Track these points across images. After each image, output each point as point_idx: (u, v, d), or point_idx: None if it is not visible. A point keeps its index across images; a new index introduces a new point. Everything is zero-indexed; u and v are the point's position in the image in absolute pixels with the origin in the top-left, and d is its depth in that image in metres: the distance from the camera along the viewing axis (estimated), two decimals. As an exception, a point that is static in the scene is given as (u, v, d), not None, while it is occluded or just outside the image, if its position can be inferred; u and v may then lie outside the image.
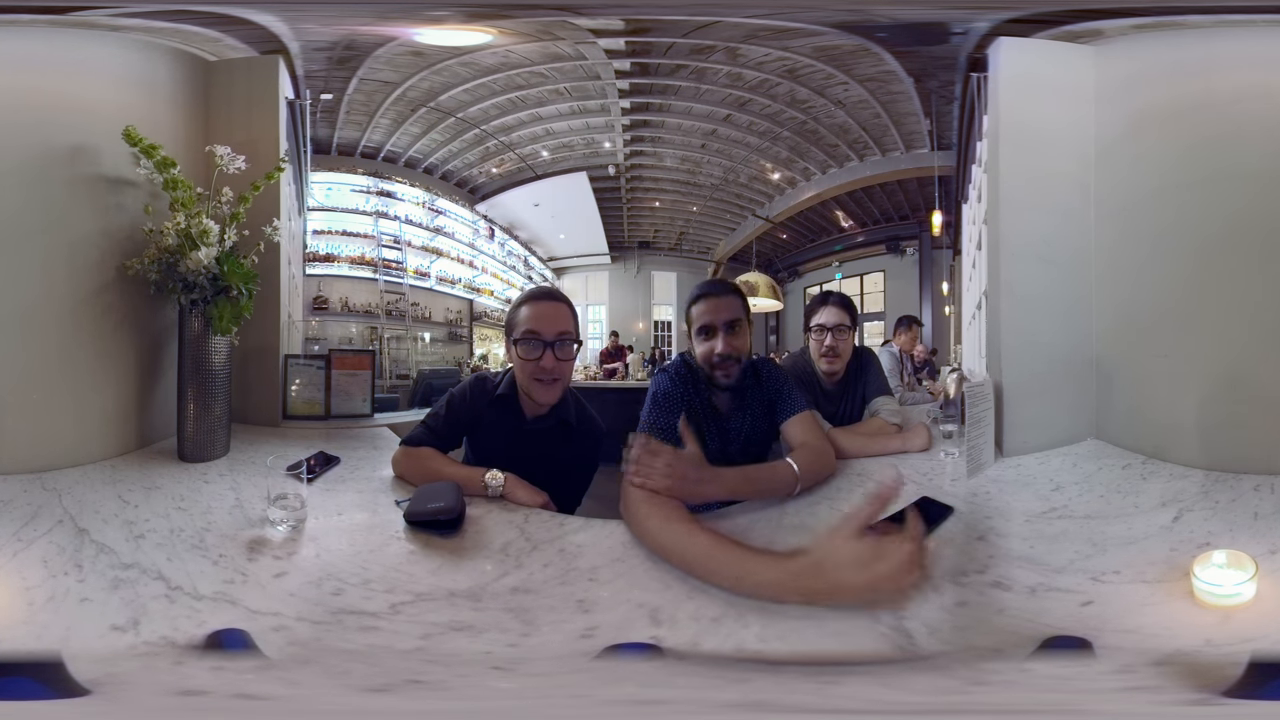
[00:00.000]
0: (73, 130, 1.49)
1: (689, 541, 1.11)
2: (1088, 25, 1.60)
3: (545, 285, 3.04)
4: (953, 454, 1.61)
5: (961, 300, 2.69)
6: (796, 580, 0.99)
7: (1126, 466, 1.47)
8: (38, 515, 1.24)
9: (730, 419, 1.63)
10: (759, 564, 1.03)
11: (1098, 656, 0.92)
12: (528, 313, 1.52)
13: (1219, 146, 1.41)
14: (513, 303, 1.61)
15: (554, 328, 1.49)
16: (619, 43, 2.30)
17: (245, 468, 1.56)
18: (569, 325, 1.52)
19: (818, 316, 1.88)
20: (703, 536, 1.11)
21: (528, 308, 1.53)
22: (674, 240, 3.44)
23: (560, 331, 1.49)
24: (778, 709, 0.87)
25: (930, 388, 2.52)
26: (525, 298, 1.57)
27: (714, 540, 1.10)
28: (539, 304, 1.53)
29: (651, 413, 1.52)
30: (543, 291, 1.62)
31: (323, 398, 1.96)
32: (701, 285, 1.65)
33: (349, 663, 0.92)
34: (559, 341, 1.49)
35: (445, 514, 1.25)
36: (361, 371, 2.00)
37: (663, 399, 1.52)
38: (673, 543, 1.12)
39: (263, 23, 1.76)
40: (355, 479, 1.53)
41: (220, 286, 1.59)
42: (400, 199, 2.97)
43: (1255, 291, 1.37)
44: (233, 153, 1.61)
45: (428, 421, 1.56)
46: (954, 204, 2.66)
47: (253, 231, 1.68)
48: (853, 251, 3.31)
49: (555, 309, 1.52)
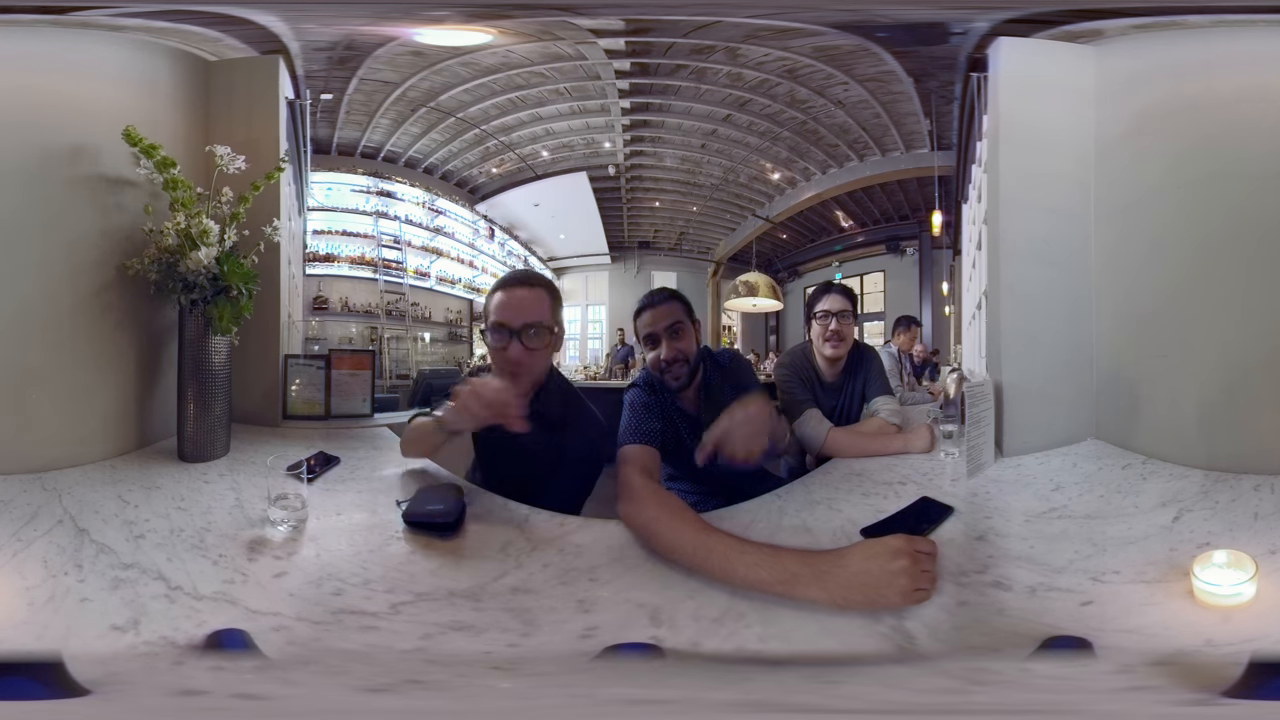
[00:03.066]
0: (73, 130, 1.49)
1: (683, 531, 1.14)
2: (1088, 25, 1.60)
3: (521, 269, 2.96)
4: (953, 454, 1.61)
5: (961, 300, 2.68)
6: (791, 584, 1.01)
7: (1126, 466, 1.47)
8: (38, 515, 1.24)
9: (701, 416, 1.68)
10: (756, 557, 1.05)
11: (1098, 656, 0.92)
12: (497, 300, 1.46)
13: (1219, 146, 1.41)
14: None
15: (521, 316, 1.42)
16: (619, 43, 2.30)
17: (245, 468, 1.56)
18: (540, 313, 1.44)
19: (821, 303, 1.90)
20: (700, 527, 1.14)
21: (498, 295, 1.47)
22: (674, 240, 3.44)
23: (528, 321, 1.42)
24: (778, 709, 0.87)
25: (930, 388, 2.52)
26: (496, 285, 1.51)
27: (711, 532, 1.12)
28: (509, 290, 1.47)
29: (631, 419, 1.54)
30: (515, 277, 1.54)
31: (323, 398, 1.96)
32: (642, 298, 1.75)
33: (349, 663, 0.93)
34: (527, 330, 1.42)
35: (443, 516, 1.25)
36: (361, 371, 2.00)
37: (639, 406, 1.56)
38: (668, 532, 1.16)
39: (263, 23, 1.76)
40: (355, 479, 1.53)
41: (220, 286, 1.58)
42: (400, 199, 2.97)
43: (1255, 291, 1.37)
44: (233, 153, 1.61)
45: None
46: (954, 204, 2.66)
47: (253, 231, 1.67)
48: (853, 251, 3.31)
49: (525, 295, 1.45)
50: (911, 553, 1.00)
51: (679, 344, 1.66)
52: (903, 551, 1.00)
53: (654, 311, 1.69)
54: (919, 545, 1.03)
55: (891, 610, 0.98)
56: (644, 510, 1.23)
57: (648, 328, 1.70)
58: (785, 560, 1.03)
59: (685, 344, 1.67)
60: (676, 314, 1.68)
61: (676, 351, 1.66)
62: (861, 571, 0.99)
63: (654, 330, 1.68)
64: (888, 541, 1.04)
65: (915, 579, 0.99)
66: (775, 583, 1.01)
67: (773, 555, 1.05)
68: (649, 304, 1.72)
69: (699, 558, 1.08)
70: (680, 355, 1.66)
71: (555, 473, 1.48)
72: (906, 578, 0.98)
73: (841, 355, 1.89)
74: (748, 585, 1.02)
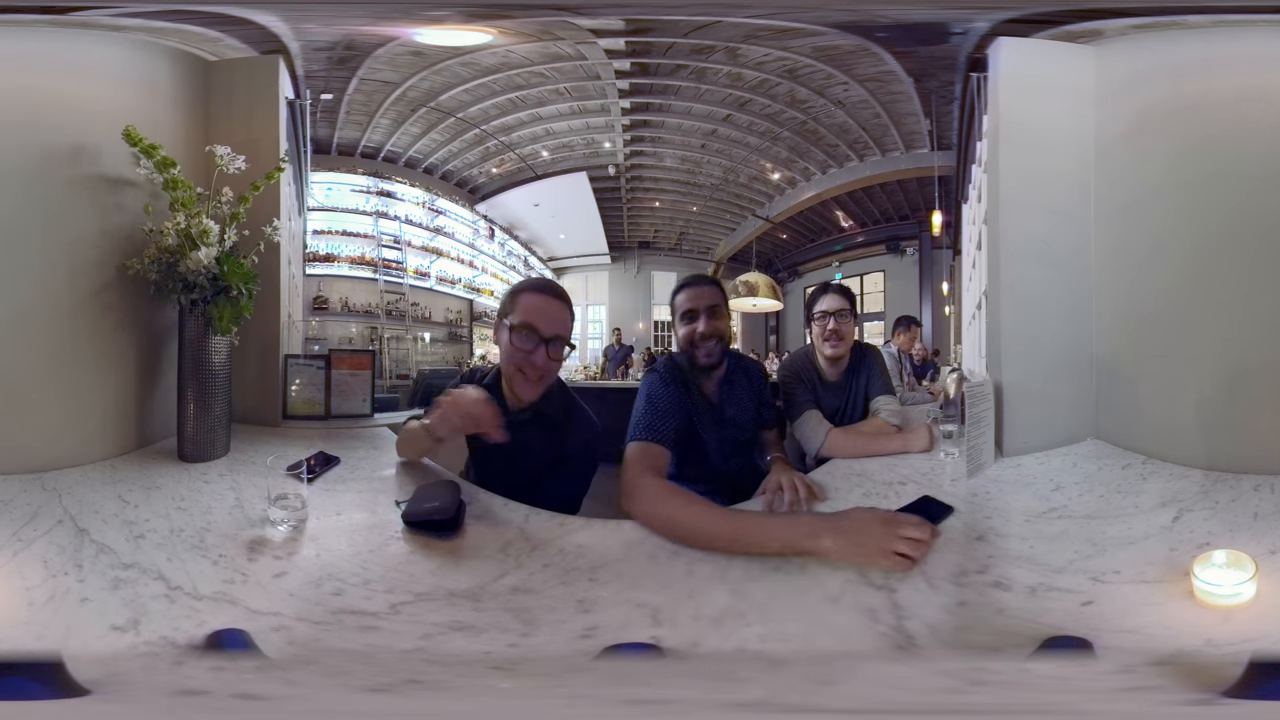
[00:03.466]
0: (73, 130, 1.49)
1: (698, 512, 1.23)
2: (1088, 25, 1.60)
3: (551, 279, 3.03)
4: (953, 454, 1.61)
5: (961, 300, 2.69)
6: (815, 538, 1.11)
7: (1126, 466, 1.47)
8: (38, 515, 1.24)
9: (724, 407, 1.74)
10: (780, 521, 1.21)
11: (1098, 656, 0.92)
12: (529, 302, 1.49)
13: (1219, 146, 1.41)
14: (514, 286, 1.58)
15: (553, 327, 1.47)
16: (619, 43, 2.30)
17: (245, 468, 1.56)
18: (567, 328, 1.51)
19: (819, 304, 1.92)
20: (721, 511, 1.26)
21: (530, 296, 1.50)
22: (674, 240, 3.44)
23: (558, 333, 1.48)
24: (778, 709, 0.87)
25: (930, 388, 2.53)
26: (529, 285, 1.56)
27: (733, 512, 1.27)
28: (543, 297, 1.50)
29: (646, 414, 1.51)
30: (548, 285, 1.57)
31: (323, 398, 1.96)
32: (684, 278, 1.80)
33: (349, 663, 0.93)
34: (555, 342, 1.47)
35: (440, 514, 1.25)
36: (361, 371, 2.00)
37: (656, 400, 1.54)
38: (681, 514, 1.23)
39: (263, 23, 1.76)
40: (355, 479, 1.53)
41: (220, 286, 1.58)
42: (400, 199, 2.97)
43: (1255, 291, 1.37)
44: (233, 153, 1.61)
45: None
46: (954, 204, 2.66)
47: (253, 231, 1.67)
48: (853, 251, 3.31)
49: (558, 308, 1.50)
50: (896, 523, 1.13)
51: (718, 323, 1.71)
52: (891, 520, 1.14)
53: (696, 290, 1.73)
54: (908, 519, 1.15)
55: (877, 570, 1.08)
56: (665, 505, 1.26)
57: (688, 304, 1.72)
58: (804, 519, 1.21)
59: (723, 324, 1.72)
60: (716, 297, 1.73)
61: (714, 328, 1.69)
62: (859, 529, 1.12)
63: (694, 306, 1.71)
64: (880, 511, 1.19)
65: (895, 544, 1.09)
66: (802, 538, 1.12)
67: (793, 518, 1.25)
68: (691, 283, 1.76)
69: (731, 537, 1.16)
70: (717, 332, 1.70)
71: (554, 472, 1.52)
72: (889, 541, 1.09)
73: (842, 355, 1.90)
74: (780, 546, 1.12)
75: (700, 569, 1.12)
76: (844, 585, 1.06)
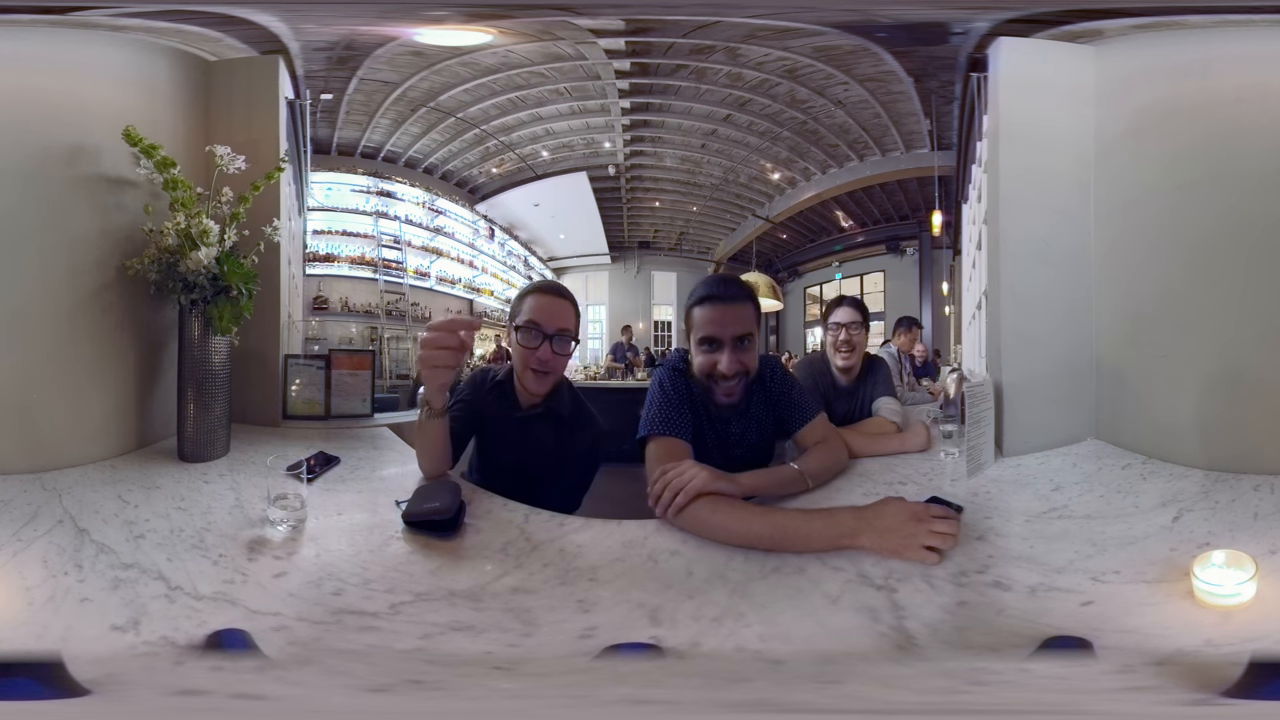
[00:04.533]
0: (73, 130, 1.49)
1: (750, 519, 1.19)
2: (1088, 25, 1.60)
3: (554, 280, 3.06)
4: (953, 454, 1.61)
5: (961, 300, 2.69)
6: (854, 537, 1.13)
7: (1126, 466, 1.47)
8: (38, 515, 1.24)
9: (731, 424, 1.54)
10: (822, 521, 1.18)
11: (1098, 656, 0.92)
12: (534, 303, 1.54)
13: (1219, 146, 1.41)
14: (521, 290, 1.64)
15: (555, 323, 1.52)
16: (619, 43, 2.30)
17: (245, 468, 1.56)
18: (570, 323, 1.56)
19: (834, 316, 2.01)
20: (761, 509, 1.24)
21: (535, 298, 1.56)
22: (674, 240, 3.44)
23: (561, 327, 1.52)
24: (778, 709, 0.87)
25: (930, 388, 2.53)
26: (534, 288, 1.62)
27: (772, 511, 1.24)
28: (546, 296, 1.56)
29: (661, 406, 1.42)
30: (551, 285, 1.65)
31: (323, 398, 1.96)
32: (709, 284, 1.47)
33: (349, 663, 0.92)
34: (558, 336, 1.52)
35: (440, 514, 1.25)
36: (361, 371, 2.00)
37: (671, 392, 1.44)
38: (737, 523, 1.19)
39: (263, 23, 1.76)
40: (355, 479, 1.53)
41: (220, 286, 1.58)
42: (400, 199, 2.97)
43: (1255, 291, 1.37)
44: (233, 153, 1.61)
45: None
46: (954, 204, 2.67)
47: (253, 231, 1.67)
48: (853, 251, 3.32)
49: (561, 305, 1.56)
50: (926, 517, 1.14)
51: (744, 358, 1.43)
52: (920, 515, 1.15)
53: (724, 310, 1.43)
54: (934, 512, 1.16)
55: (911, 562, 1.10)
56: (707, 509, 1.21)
57: (711, 328, 1.43)
58: (841, 517, 1.17)
59: (750, 359, 1.45)
60: (748, 322, 1.44)
61: (740, 365, 1.43)
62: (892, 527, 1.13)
63: (718, 335, 1.42)
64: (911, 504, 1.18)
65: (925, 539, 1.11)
66: (842, 537, 1.14)
67: (830, 516, 1.19)
68: (718, 296, 1.44)
69: (772, 539, 1.16)
70: (743, 370, 1.44)
71: (559, 468, 1.56)
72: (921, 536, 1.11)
73: (853, 364, 1.98)
74: (824, 545, 1.14)
75: (700, 569, 1.12)
76: (844, 585, 1.06)
